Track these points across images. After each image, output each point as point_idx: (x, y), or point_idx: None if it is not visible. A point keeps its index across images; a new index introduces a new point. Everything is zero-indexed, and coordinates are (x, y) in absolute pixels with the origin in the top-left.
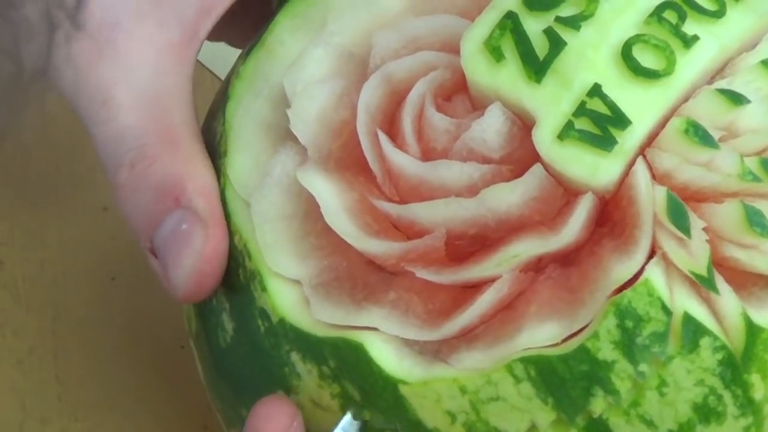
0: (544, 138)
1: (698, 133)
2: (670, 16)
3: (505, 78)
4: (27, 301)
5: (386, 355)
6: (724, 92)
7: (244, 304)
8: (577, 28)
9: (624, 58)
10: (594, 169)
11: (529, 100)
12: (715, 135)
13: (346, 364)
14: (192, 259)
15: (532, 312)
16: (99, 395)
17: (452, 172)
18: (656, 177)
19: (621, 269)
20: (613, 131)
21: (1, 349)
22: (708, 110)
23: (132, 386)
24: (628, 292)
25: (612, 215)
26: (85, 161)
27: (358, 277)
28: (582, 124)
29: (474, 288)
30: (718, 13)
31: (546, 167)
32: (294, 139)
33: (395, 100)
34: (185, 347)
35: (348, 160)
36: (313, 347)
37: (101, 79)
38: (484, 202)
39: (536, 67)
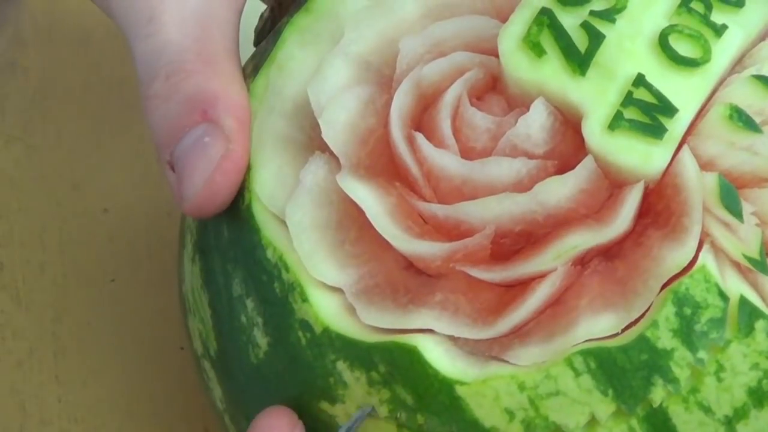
0: (594, 129)
1: (742, 118)
2: (697, 6)
3: (548, 72)
4: (27, 302)
5: (440, 356)
6: (760, 78)
7: (282, 317)
8: (612, 21)
9: (662, 48)
10: (646, 157)
11: (575, 93)
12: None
13: (399, 368)
14: (207, 170)
15: (584, 305)
16: (99, 396)
17: (502, 168)
18: (700, 164)
19: (675, 257)
20: (662, 119)
21: (1, 351)
22: (746, 97)
23: (132, 388)
24: (685, 279)
25: (655, 205)
26: (85, 162)
27: (399, 283)
28: (631, 113)
29: (520, 285)
30: (740, 3)
31: (595, 159)
32: (320, 148)
33: (423, 103)
34: (185, 348)
35: (377, 168)
36: (362, 354)
37: None
38: (536, 196)
39: (579, 60)
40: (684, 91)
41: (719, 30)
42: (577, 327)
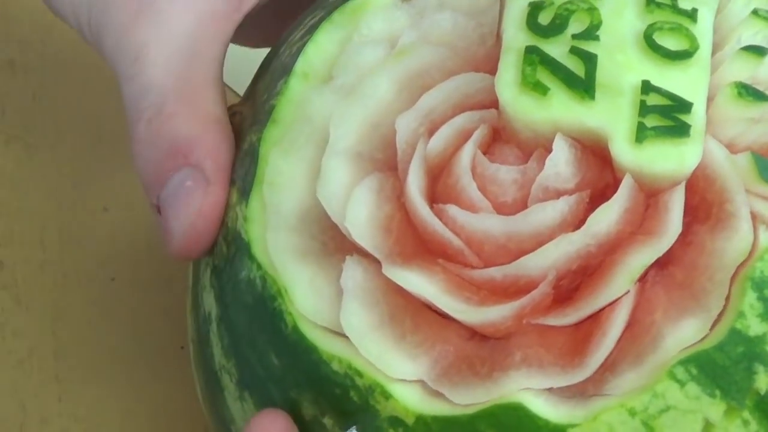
0: (623, 147)
1: (750, 92)
2: None
3: (558, 107)
4: (27, 301)
5: (544, 406)
6: (747, 49)
7: (368, 423)
8: (596, 38)
9: (653, 49)
10: (681, 158)
11: (592, 119)
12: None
13: (508, 427)
14: (190, 214)
15: (660, 318)
16: (99, 395)
17: (547, 213)
18: None
19: (734, 245)
20: (683, 117)
21: (1, 350)
22: (740, 70)
23: (132, 387)
24: (757, 263)
25: (689, 201)
26: (85, 162)
27: (471, 355)
28: (652, 121)
29: (588, 320)
30: None
31: (632, 175)
32: (339, 250)
33: (433, 175)
34: (185, 348)
35: (407, 252)
36: (466, 426)
37: (138, 37)
38: (589, 229)
39: (584, 86)
40: (688, 84)
41: (692, 15)
42: (664, 341)
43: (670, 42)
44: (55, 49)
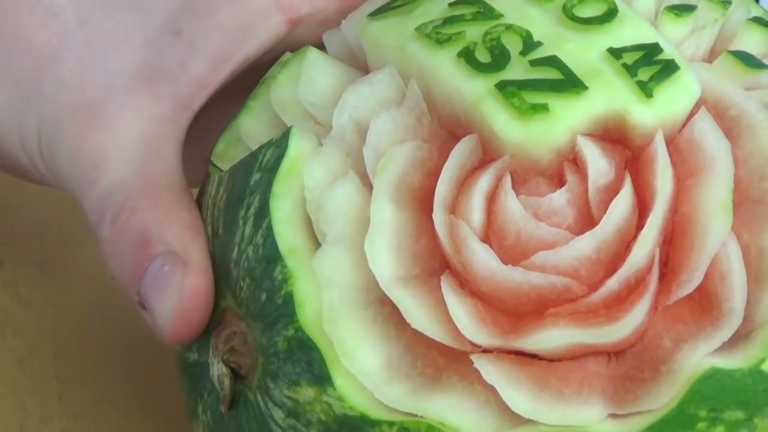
0: (640, 110)
1: (739, 56)
2: None
3: (566, 114)
4: (27, 300)
5: (727, 364)
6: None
7: None
8: (539, 44)
9: (587, 24)
10: (687, 88)
11: (598, 106)
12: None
13: (716, 392)
14: (174, 297)
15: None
16: (99, 395)
17: (621, 207)
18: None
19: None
20: (661, 57)
21: (1, 349)
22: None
23: (132, 386)
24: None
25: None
26: None
27: (623, 373)
28: (644, 75)
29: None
30: None
31: (663, 130)
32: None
33: (490, 244)
34: None
35: (526, 321)
36: (674, 419)
37: (93, 145)
38: (662, 197)
39: (572, 83)
40: (637, 32)
41: None
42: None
43: (591, 10)
44: None
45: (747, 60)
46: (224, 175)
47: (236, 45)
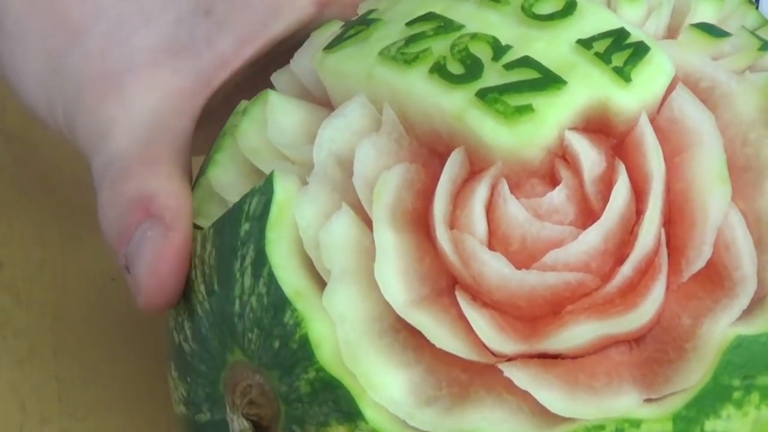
0: (622, 95)
1: (705, 28)
2: None
3: (551, 111)
4: (27, 301)
5: (748, 330)
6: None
7: None
8: (508, 47)
9: (549, 20)
10: (662, 67)
11: (580, 98)
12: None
13: (755, 359)
14: (151, 261)
15: (757, 198)
16: (99, 395)
17: (622, 195)
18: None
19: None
20: (629, 39)
21: (1, 350)
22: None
23: (132, 386)
24: None
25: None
26: (85, 160)
27: (650, 357)
28: (618, 60)
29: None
30: None
31: (647, 113)
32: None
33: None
34: None
35: (545, 322)
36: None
37: (105, 116)
38: (659, 177)
39: (551, 79)
40: (601, 20)
41: None
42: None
43: (550, 6)
44: None
45: (710, 31)
46: (208, 232)
47: (263, 25)
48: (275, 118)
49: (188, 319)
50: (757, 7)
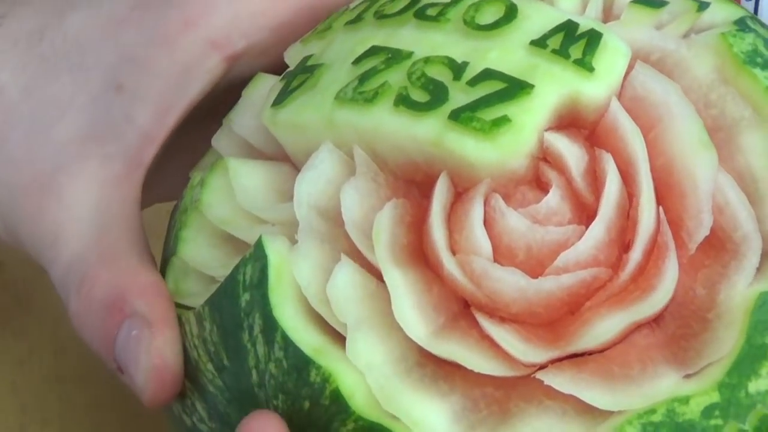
0: (591, 86)
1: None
2: None
3: (528, 116)
4: (27, 301)
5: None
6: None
7: None
8: (465, 64)
9: (497, 27)
10: (620, 50)
11: (550, 98)
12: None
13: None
14: (146, 360)
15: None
16: (99, 395)
17: (615, 186)
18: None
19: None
20: (581, 30)
21: (1, 350)
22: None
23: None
24: None
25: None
26: None
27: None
28: (576, 53)
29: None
30: None
31: (617, 97)
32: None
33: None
34: None
35: (563, 325)
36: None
37: (48, 221)
38: (645, 160)
39: (519, 86)
40: (547, 17)
41: None
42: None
43: (491, 15)
44: None
45: (650, 3)
46: (203, 310)
47: (177, 92)
48: (241, 183)
49: (200, 399)
50: (757, 8)
